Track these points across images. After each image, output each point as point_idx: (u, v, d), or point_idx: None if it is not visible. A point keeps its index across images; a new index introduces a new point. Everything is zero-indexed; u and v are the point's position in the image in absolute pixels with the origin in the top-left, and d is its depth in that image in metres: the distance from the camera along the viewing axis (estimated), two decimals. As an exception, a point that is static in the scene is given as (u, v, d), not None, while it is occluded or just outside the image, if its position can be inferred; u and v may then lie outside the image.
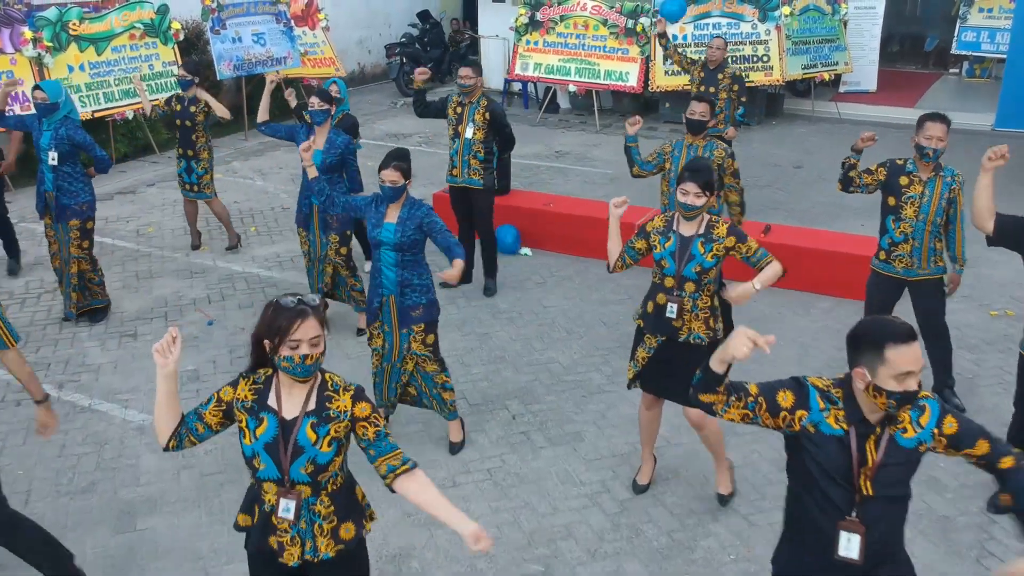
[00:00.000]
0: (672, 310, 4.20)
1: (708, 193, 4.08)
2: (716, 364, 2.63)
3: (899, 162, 5.12)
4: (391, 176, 4.64)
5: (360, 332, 6.46)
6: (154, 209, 9.30)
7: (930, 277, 5.19)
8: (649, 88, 12.27)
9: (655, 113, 13.11)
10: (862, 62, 13.66)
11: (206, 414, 2.85)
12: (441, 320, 6.47)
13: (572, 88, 12.81)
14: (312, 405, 2.77)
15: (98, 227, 8.36)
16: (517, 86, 14.17)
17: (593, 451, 5.01)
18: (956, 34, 14.16)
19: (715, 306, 4.26)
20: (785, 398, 2.68)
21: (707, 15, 12.05)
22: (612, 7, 12.37)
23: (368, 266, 7.56)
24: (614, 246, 4.35)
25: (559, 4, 12.70)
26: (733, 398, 2.69)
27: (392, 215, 4.72)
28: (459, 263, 4.64)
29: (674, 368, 4.28)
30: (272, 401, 2.78)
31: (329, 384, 2.81)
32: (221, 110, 7.54)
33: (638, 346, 4.41)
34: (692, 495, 4.63)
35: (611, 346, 6.25)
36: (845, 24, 13.03)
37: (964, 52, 14.57)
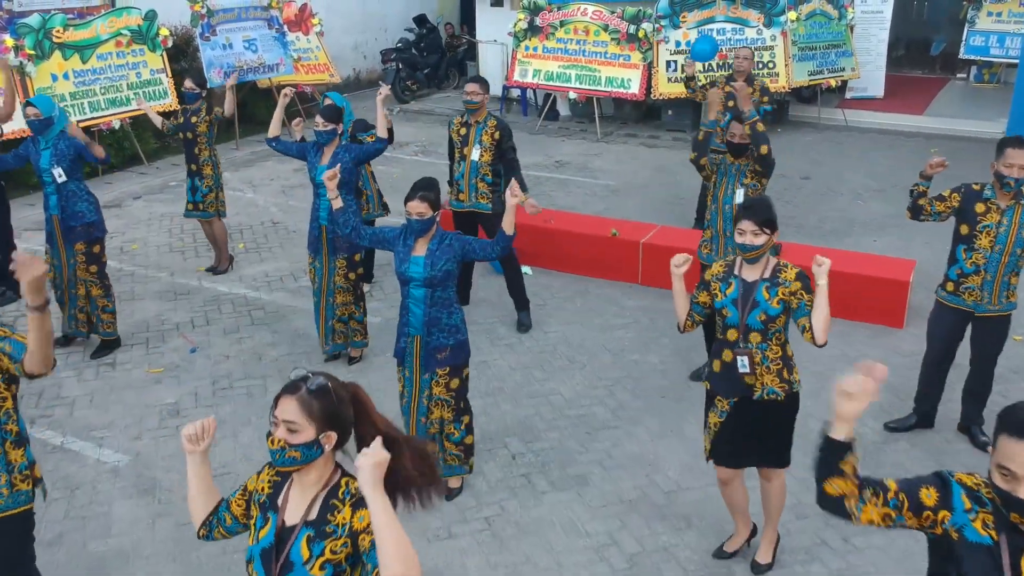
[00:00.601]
0: (744, 364, 3.79)
1: (768, 231, 3.70)
2: (837, 430, 2.22)
3: (975, 187, 4.75)
4: (418, 208, 4.28)
5: (352, 360, 6.13)
6: (140, 224, 8.97)
7: (999, 314, 4.85)
8: (652, 96, 11.93)
9: (657, 121, 12.77)
10: (869, 68, 13.34)
11: (232, 502, 2.49)
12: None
13: (572, 95, 12.47)
14: (314, 514, 2.30)
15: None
16: (516, 92, 13.82)
17: (599, 496, 4.67)
18: (964, 38, 13.84)
19: (788, 355, 3.86)
20: (929, 495, 2.28)
21: (711, 20, 11.72)
22: (613, 12, 12.04)
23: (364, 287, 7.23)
24: (681, 304, 3.92)
25: (559, 9, 12.37)
26: (869, 493, 2.30)
27: (421, 248, 4.36)
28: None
29: (750, 431, 3.89)
30: (282, 499, 2.37)
31: (340, 490, 2.31)
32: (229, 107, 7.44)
33: (709, 411, 4.02)
34: (707, 548, 4.29)
35: (616, 376, 5.91)
36: (852, 29, 12.72)
37: (972, 57, 14.24)
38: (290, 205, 9.43)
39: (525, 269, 7.62)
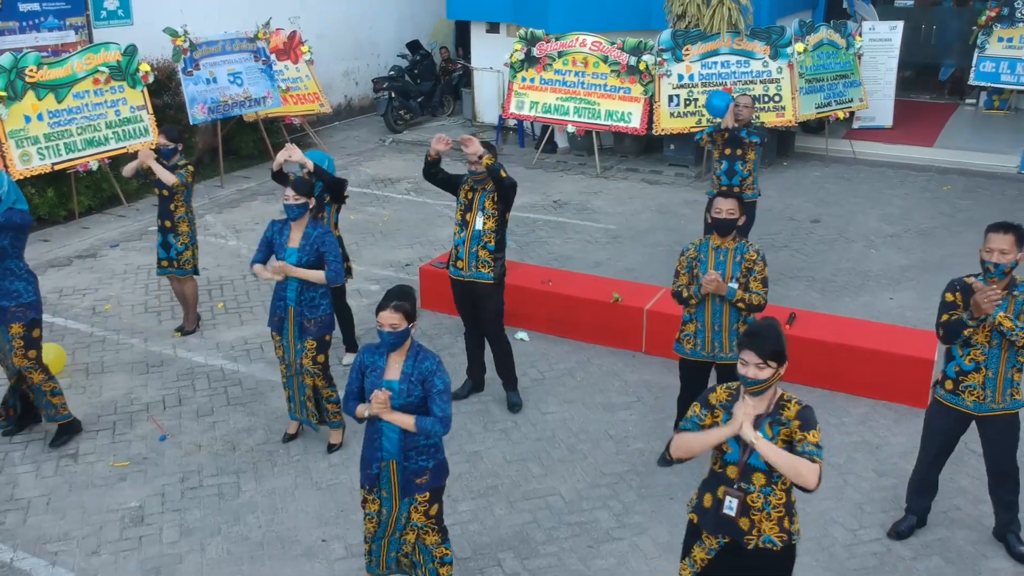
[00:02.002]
0: (731, 505, 3.39)
1: (775, 364, 3.27)
2: None
3: (968, 280, 4.37)
4: (390, 319, 3.84)
5: (332, 448, 5.67)
6: (115, 278, 8.48)
7: (1005, 412, 4.44)
8: (653, 131, 11.46)
9: (659, 154, 12.31)
10: (877, 96, 12.92)
11: None
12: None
13: (571, 128, 12.01)
14: None
15: (50, 303, 7.64)
16: (512, 123, 13.36)
17: (602, 632, 4.22)
18: (974, 64, 13.40)
19: (791, 502, 3.43)
20: None
21: (715, 52, 11.27)
22: (613, 43, 11.58)
23: (346, 358, 6.77)
24: (697, 450, 3.41)
25: (557, 39, 11.91)
26: None
27: (394, 370, 3.92)
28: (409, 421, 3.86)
29: (737, 574, 3.49)
30: None
31: None
32: (169, 178, 6.71)
33: (694, 543, 3.58)
34: None
35: (620, 471, 5.45)
36: (859, 58, 12.29)
37: (982, 83, 13.80)
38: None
39: (522, 334, 7.18)
